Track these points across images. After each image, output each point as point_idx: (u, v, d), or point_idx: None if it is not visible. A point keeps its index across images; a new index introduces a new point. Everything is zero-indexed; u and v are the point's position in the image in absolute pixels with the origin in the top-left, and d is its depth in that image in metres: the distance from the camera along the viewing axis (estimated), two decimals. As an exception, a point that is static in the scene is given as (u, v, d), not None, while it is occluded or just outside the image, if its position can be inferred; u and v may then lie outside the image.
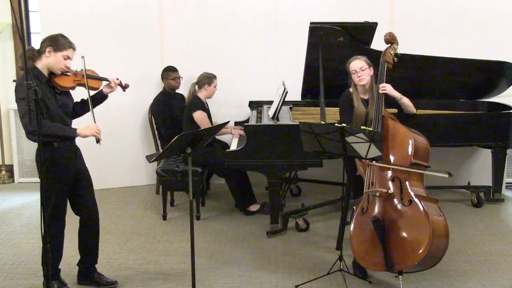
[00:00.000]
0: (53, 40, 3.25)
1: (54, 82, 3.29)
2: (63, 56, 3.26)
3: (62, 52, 3.25)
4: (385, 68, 3.81)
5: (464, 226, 4.63)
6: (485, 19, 5.53)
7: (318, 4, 5.69)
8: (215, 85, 5.09)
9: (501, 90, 5.29)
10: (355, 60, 3.77)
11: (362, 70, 3.73)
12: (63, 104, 3.34)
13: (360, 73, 3.74)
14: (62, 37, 3.29)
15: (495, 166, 5.09)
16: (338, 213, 4.37)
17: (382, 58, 3.87)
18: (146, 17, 5.70)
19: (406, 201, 3.30)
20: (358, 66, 3.74)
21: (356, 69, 3.74)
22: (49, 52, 3.23)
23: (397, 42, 3.93)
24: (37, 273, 3.68)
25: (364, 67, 3.74)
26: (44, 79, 3.27)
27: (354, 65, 3.76)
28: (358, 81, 3.76)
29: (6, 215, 5.03)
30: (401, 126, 3.54)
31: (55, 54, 3.24)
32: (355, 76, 3.76)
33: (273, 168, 4.35)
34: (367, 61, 3.78)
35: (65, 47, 3.26)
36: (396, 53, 3.91)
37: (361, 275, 3.62)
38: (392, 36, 3.94)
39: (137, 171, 5.90)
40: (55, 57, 3.24)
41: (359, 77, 3.74)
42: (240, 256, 4.05)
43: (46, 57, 3.24)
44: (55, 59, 3.25)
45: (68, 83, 3.34)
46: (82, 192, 3.46)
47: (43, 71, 3.27)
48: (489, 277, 3.68)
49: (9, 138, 6.11)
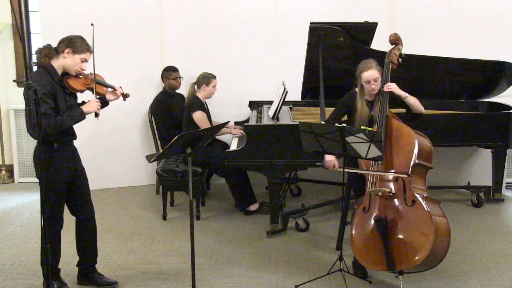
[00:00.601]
0: (71, 42, 3.27)
1: (66, 82, 3.31)
2: (80, 59, 3.29)
3: (80, 55, 3.28)
4: (389, 69, 3.80)
5: (464, 226, 4.63)
6: (485, 19, 5.53)
7: (318, 4, 5.69)
8: (214, 85, 5.08)
9: (501, 90, 5.29)
10: (369, 70, 3.65)
11: (376, 81, 3.66)
12: (70, 106, 3.34)
13: (374, 85, 3.66)
14: (80, 39, 3.32)
15: (495, 166, 5.09)
16: (338, 213, 4.37)
17: (387, 58, 3.85)
18: (146, 17, 5.70)
19: (409, 201, 3.30)
20: (373, 77, 3.64)
21: (371, 80, 3.65)
22: (68, 53, 3.25)
23: (401, 43, 3.93)
24: (37, 273, 3.68)
25: (378, 78, 3.66)
26: (58, 78, 3.28)
27: (368, 75, 3.64)
28: (371, 90, 3.69)
29: (6, 215, 5.02)
30: (405, 126, 3.54)
31: (73, 56, 3.26)
32: (368, 85, 3.67)
33: (273, 168, 4.35)
34: (378, 68, 3.69)
35: (83, 50, 3.29)
36: (400, 53, 3.90)
37: (361, 275, 3.62)
38: (397, 37, 3.93)
39: (137, 171, 5.90)
40: (73, 59, 3.27)
41: (373, 88, 3.67)
42: (240, 256, 4.05)
43: (64, 58, 3.26)
44: (73, 61, 3.27)
45: (79, 86, 3.37)
46: (79, 193, 3.46)
47: (58, 70, 3.29)
48: (489, 277, 3.68)
49: (9, 138, 6.11)
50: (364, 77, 3.67)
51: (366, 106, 3.76)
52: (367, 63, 3.70)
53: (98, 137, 5.52)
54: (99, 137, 5.52)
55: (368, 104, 3.76)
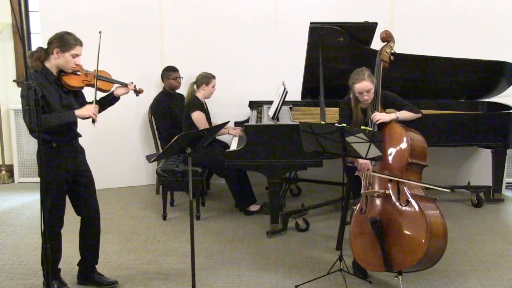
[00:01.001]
0: (59, 40, 3.24)
1: (62, 80, 3.30)
2: (71, 55, 3.27)
3: (69, 52, 3.26)
4: (381, 68, 3.78)
5: (464, 226, 4.63)
6: (485, 19, 5.53)
7: (318, 4, 5.69)
8: (213, 85, 5.08)
9: (501, 90, 5.29)
10: (361, 82, 3.60)
11: (369, 92, 3.64)
12: (67, 104, 3.32)
13: (367, 96, 3.64)
14: (68, 34, 3.28)
15: (495, 166, 5.09)
16: (338, 213, 4.37)
17: (378, 57, 3.82)
18: (146, 17, 5.70)
19: (404, 201, 3.30)
20: (366, 89, 3.61)
21: (363, 91, 3.63)
22: (57, 53, 3.24)
23: (393, 40, 3.86)
24: (37, 273, 3.68)
25: (371, 89, 3.63)
26: (52, 77, 3.27)
27: (361, 87, 3.61)
28: (363, 101, 3.67)
29: (6, 215, 5.02)
30: (397, 126, 3.53)
31: (63, 55, 3.25)
32: (361, 96, 3.65)
33: (273, 168, 4.35)
34: (371, 79, 3.64)
35: (72, 46, 3.26)
36: (392, 51, 3.85)
37: (361, 275, 3.62)
38: (388, 34, 3.88)
39: (137, 171, 5.90)
40: (64, 57, 3.25)
41: (365, 99, 3.65)
42: (240, 256, 4.05)
43: (55, 58, 3.25)
44: (64, 60, 3.26)
45: (76, 83, 3.34)
46: (83, 192, 3.46)
47: (52, 70, 3.28)
48: (489, 277, 3.68)
49: (9, 138, 6.11)
50: (357, 89, 3.64)
51: (360, 113, 3.76)
52: (359, 73, 3.64)
53: (98, 137, 5.50)
54: (99, 137, 5.51)
55: (362, 111, 3.77)
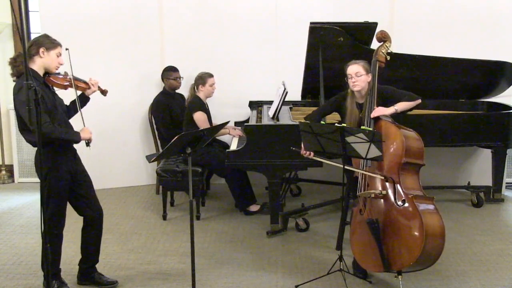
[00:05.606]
0: (41, 42, 3.28)
1: (50, 81, 3.33)
2: (56, 54, 3.31)
3: (54, 50, 3.30)
4: (377, 68, 3.76)
5: (464, 226, 4.63)
6: (485, 19, 5.53)
7: (318, 4, 5.69)
8: (210, 84, 5.07)
9: (501, 90, 5.29)
10: (353, 65, 3.67)
11: (358, 76, 3.64)
12: (61, 103, 3.37)
13: (354, 79, 3.65)
14: (46, 37, 3.33)
15: (495, 166, 5.10)
16: (338, 213, 4.37)
17: (374, 57, 3.78)
18: (146, 17, 5.70)
19: (400, 201, 3.30)
20: (354, 71, 3.64)
21: (352, 74, 3.65)
22: (43, 52, 3.26)
23: (389, 40, 3.82)
24: (37, 273, 3.68)
25: (360, 73, 3.64)
26: (41, 78, 3.30)
27: (351, 69, 3.66)
28: (352, 86, 3.69)
29: (6, 215, 5.02)
30: (392, 125, 3.48)
31: (48, 53, 3.28)
32: (350, 80, 3.68)
33: (273, 168, 4.35)
34: (365, 67, 3.67)
35: (54, 46, 3.31)
36: (388, 51, 3.83)
37: (361, 275, 3.62)
38: (384, 34, 3.85)
39: (137, 171, 5.90)
40: (49, 56, 3.29)
41: (353, 82, 3.66)
42: (240, 256, 4.05)
43: (41, 58, 3.27)
44: (50, 58, 3.29)
45: (63, 82, 3.37)
46: (84, 193, 3.46)
47: (39, 72, 3.30)
48: (489, 277, 3.68)
49: (9, 138, 6.11)
50: (348, 71, 3.69)
51: (356, 108, 3.74)
52: (355, 60, 3.72)
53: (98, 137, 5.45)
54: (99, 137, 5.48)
55: (358, 106, 3.75)
